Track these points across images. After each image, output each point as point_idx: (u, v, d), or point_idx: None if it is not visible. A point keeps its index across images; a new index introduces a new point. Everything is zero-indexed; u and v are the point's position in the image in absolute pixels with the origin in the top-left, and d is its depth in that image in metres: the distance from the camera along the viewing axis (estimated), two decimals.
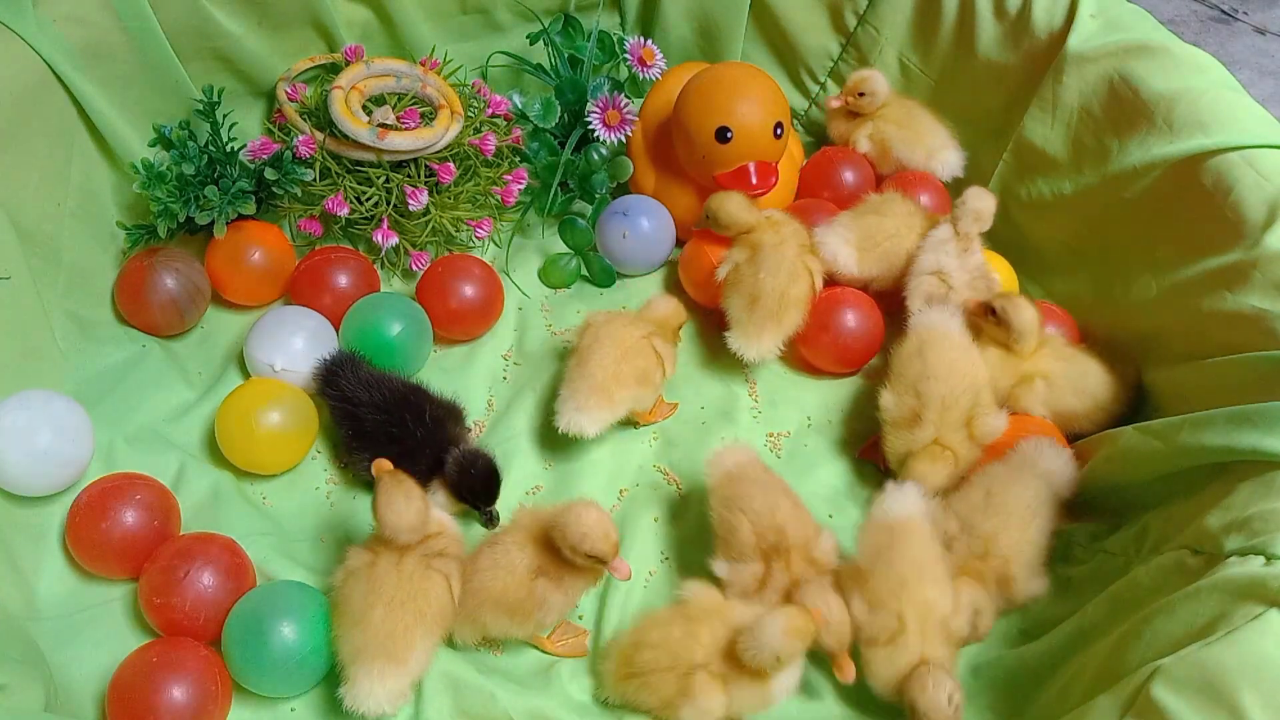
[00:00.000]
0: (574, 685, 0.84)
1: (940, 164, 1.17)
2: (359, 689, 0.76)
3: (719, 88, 1.06)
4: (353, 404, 0.92)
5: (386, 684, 0.76)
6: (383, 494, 0.78)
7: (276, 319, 1.00)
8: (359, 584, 0.79)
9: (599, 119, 1.13)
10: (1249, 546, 0.69)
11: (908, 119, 1.18)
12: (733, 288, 1.03)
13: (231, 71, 1.11)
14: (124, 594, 0.86)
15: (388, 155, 1.06)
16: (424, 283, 1.06)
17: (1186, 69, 0.98)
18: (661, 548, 0.93)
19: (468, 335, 1.08)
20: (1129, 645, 0.70)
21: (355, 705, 0.75)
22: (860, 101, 1.18)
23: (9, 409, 0.84)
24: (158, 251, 1.01)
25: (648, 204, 1.13)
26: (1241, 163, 0.89)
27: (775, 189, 1.09)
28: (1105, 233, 1.03)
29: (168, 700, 0.74)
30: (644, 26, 1.29)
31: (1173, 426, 0.81)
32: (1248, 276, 0.86)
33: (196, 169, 1.00)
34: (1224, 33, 1.65)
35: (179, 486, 0.91)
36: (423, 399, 0.93)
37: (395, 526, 0.78)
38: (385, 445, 0.90)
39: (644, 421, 1.00)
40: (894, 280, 1.07)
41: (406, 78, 1.13)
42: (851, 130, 1.21)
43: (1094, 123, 1.03)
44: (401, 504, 0.78)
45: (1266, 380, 0.79)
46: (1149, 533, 0.83)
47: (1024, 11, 1.09)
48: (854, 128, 1.20)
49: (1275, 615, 0.63)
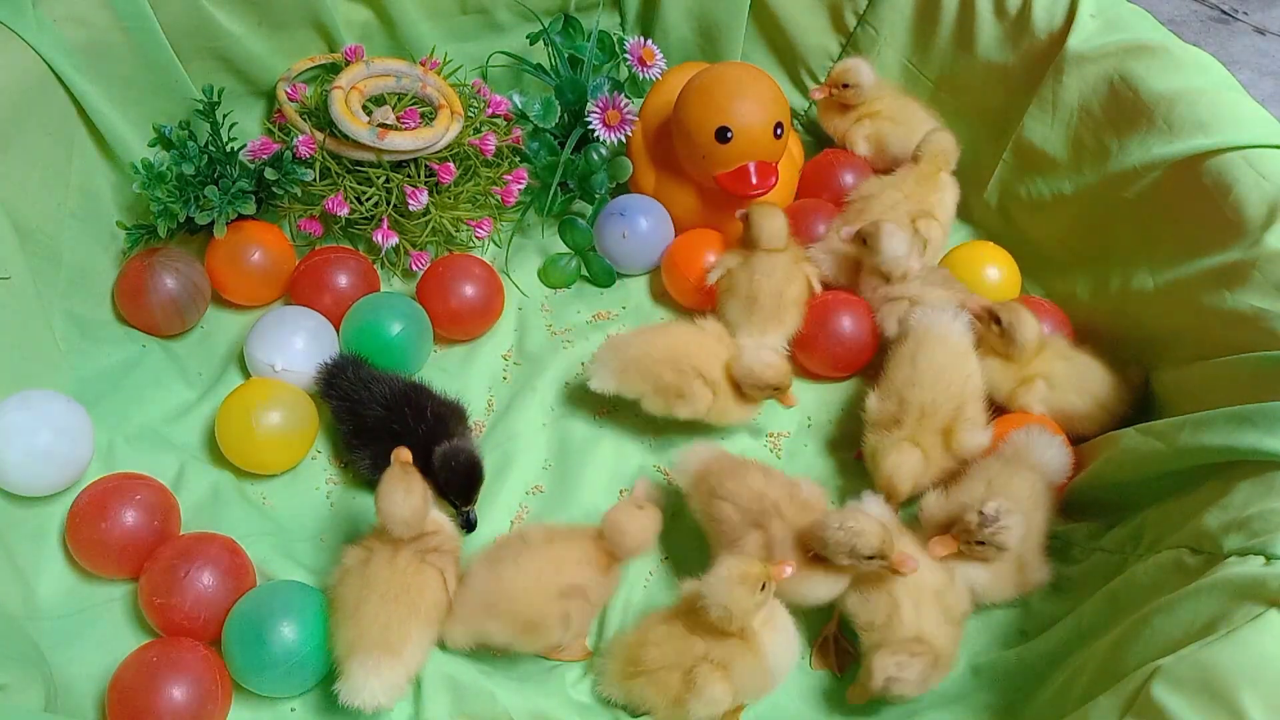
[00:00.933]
0: (575, 685, 0.84)
1: None
2: (354, 681, 0.75)
3: (719, 88, 1.06)
4: (353, 402, 0.92)
5: (382, 676, 0.75)
6: (385, 483, 0.79)
7: (276, 319, 1.00)
8: (353, 580, 0.79)
9: (599, 119, 1.13)
10: (1249, 546, 0.69)
11: (901, 114, 1.18)
12: (727, 293, 1.03)
13: (231, 71, 1.10)
14: (124, 594, 0.86)
15: (388, 155, 1.06)
16: (424, 283, 1.06)
17: (1186, 69, 0.98)
18: (661, 548, 0.93)
19: (468, 335, 1.08)
20: (1128, 645, 0.70)
21: (351, 699, 0.75)
22: (846, 93, 1.18)
23: (9, 409, 0.84)
24: (158, 251, 1.01)
25: (646, 203, 1.13)
26: (1241, 162, 0.90)
27: (775, 189, 1.09)
28: (1105, 232, 1.03)
29: (168, 700, 0.74)
30: (644, 26, 1.29)
31: (1173, 427, 0.81)
32: (1247, 276, 0.86)
33: (196, 169, 1.00)
34: (1224, 33, 1.65)
35: (179, 486, 0.91)
36: (424, 397, 0.93)
37: (390, 516, 0.78)
38: (386, 442, 0.90)
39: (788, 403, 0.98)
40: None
41: (406, 78, 1.13)
42: (847, 127, 1.21)
43: (1094, 122, 1.03)
44: (400, 495, 0.78)
45: (1266, 380, 0.79)
46: (1146, 531, 0.83)
47: (1024, 11, 1.09)
48: (849, 125, 1.20)
49: (1275, 615, 0.63)
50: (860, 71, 1.17)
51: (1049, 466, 0.89)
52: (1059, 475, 0.90)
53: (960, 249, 1.12)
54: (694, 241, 1.11)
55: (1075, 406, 0.96)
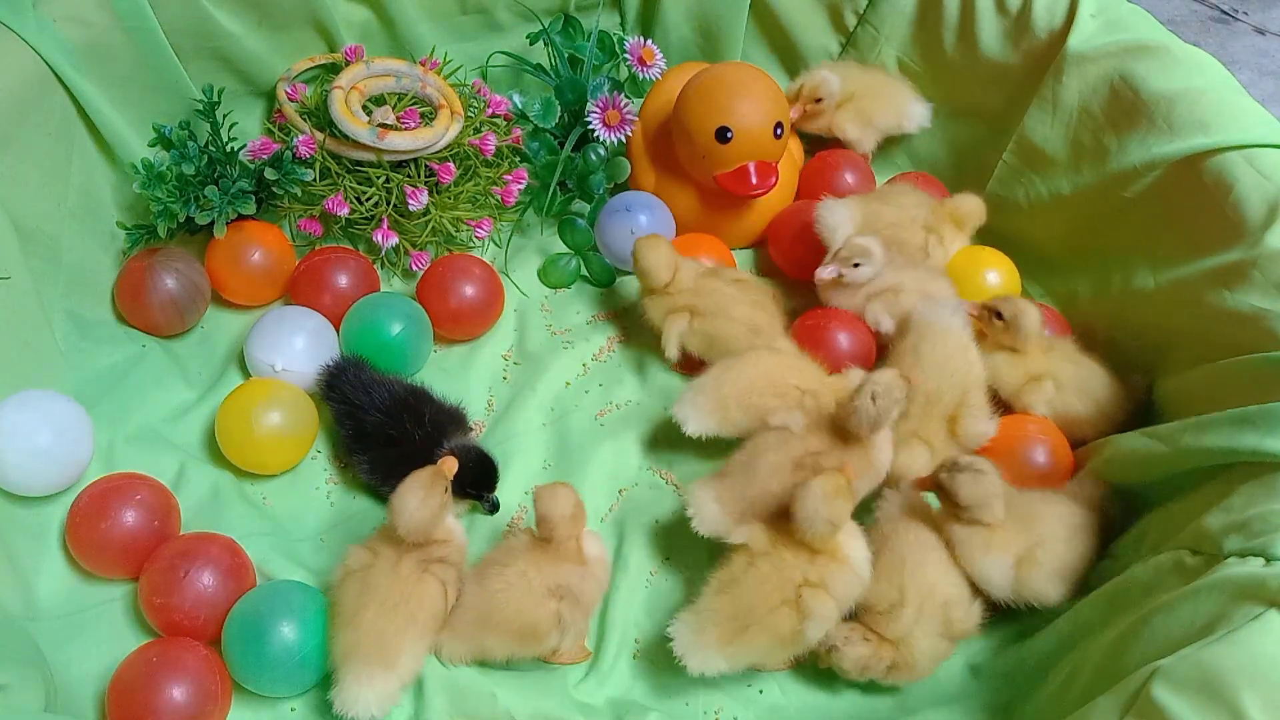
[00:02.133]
0: (576, 685, 0.84)
1: (908, 119, 1.20)
2: (347, 693, 0.76)
3: (719, 88, 1.06)
4: (352, 406, 0.92)
5: (375, 687, 0.76)
6: (407, 484, 0.79)
7: (277, 319, 1.00)
8: (354, 585, 0.79)
9: (599, 119, 1.13)
10: (1249, 547, 0.69)
11: (876, 88, 1.20)
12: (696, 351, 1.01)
13: (231, 71, 1.10)
14: (124, 594, 0.86)
15: (388, 155, 1.06)
16: (424, 283, 1.06)
17: (1186, 68, 0.98)
18: (663, 547, 0.93)
19: (468, 335, 1.08)
20: (1128, 645, 0.71)
21: (344, 709, 0.76)
22: (820, 106, 1.19)
23: (9, 409, 0.84)
24: (158, 251, 1.01)
25: (647, 199, 1.13)
26: (1242, 162, 0.90)
27: (775, 189, 1.09)
28: (1105, 232, 1.03)
29: (168, 700, 0.74)
30: (644, 26, 1.29)
31: (1175, 429, 0.81)
32: (1248, 276, 0.86)
33: (196, 169, 1.00)
34: (1224, 33, 1.65)
35: (179, 486, 0.91)
36: (423, 403, 0.93)
37: (401, 516, 0.78)
38: (383, 448, 0.91)
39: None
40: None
41: (406, 78, 1.13)
42: (829, 118, 1.21)
43: (1094, 122, 1.03)
44: (417, 499, 0.78)
45: (1267, 381, 0.79)
46: (1147, 533, 0.83)
47: (1024, 11, 1.09)
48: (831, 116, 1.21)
49: (1275, 615, 0.63)
50: (829, 83, 1.18)
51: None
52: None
53: (959, 253, 1.11)
54: (698, 240, 1.11)
55: (1076, 410, 0.96)
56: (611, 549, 0.93)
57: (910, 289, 1.01)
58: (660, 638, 0.85)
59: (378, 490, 0.93)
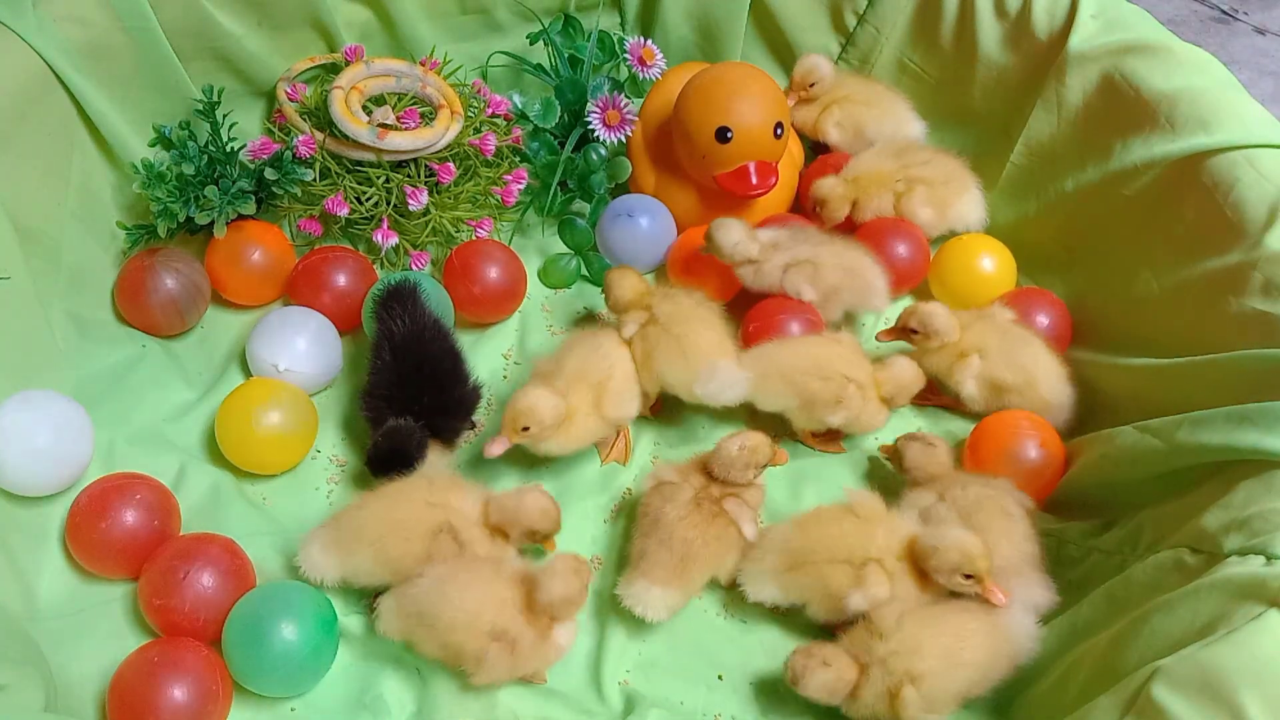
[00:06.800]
0: (576, 685, 0.84)
1: (902, 135, 1.19)
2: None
3: (719, 88, 1.06)
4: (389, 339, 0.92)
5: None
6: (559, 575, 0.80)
7: (279, 319, 0.99)
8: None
9: (599, 119, 1.13)
10: (1249, 546, 0.69)
11: (873, 97, 1.19)
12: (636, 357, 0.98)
13: (231, 71, 1.10)
14: (124, 594, 0.85)
15: (388, 155, 1.06)
16: (450, 265, 1.06)
17: (1187, 68, 0.98)
18: None
19: (491, 318, 1.08)
20: (1128, 644, 0.70)
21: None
22: (813, 91, 1.20)
23: (9, 409, 0.84)
24: (158, 251, 1.01)
25: (648, 203, 1.13)
26: (1242, 161, 0.90)
27: (775, 189, 1.09)
28: (1106, 231, 1.03)
29: (168, 700, 0.74)
30: (644, 26, 1.29)
31: (1172, 425, 0.81)
32: (1248, 276, 0.86)
33: (196, 169, 1.00)
34: (1224, 33, 1.65)
35: (179, 486, 0.91)
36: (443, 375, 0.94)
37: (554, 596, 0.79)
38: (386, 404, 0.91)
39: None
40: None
41: (406, 78, 1.13)
42: (814, 118, 1.21)
43: (1096, 122, 1.03)
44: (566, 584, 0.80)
45: (1266, 380, 0.79)
46: (1144, 531, 0.83)
47: (1024, 12, 1.09)
48: (816, 114, 1.21)
49: (1275, 615, 0.63)
50: (821, 67, 1.19)
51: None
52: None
53: (955, 241, 1.12)
54: (698, 238, 1.10)
55: (1005, 379, 0.98)
56: (612, 550, 0.93)
57: (829, 263, 1.02)
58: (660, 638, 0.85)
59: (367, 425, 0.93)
